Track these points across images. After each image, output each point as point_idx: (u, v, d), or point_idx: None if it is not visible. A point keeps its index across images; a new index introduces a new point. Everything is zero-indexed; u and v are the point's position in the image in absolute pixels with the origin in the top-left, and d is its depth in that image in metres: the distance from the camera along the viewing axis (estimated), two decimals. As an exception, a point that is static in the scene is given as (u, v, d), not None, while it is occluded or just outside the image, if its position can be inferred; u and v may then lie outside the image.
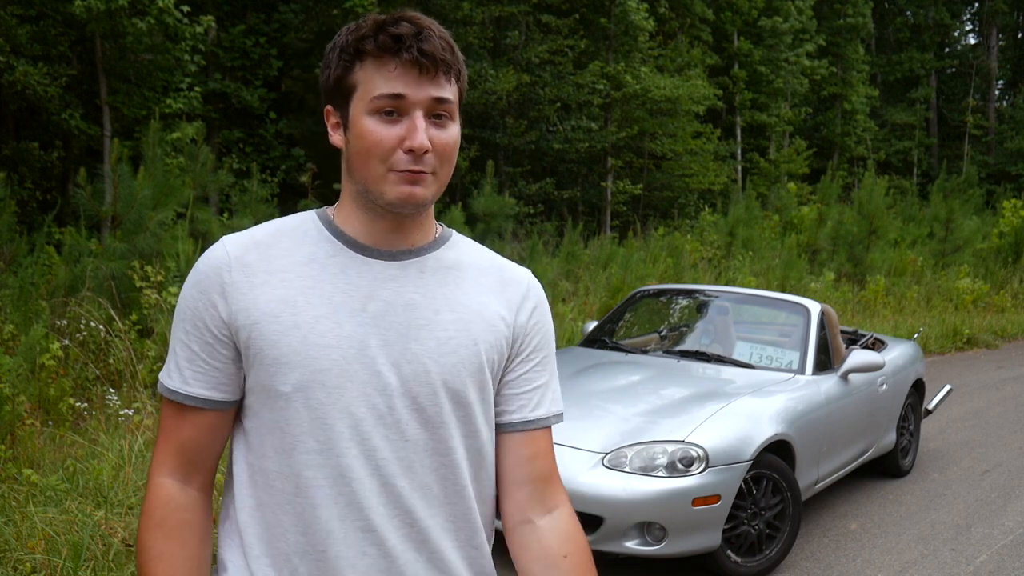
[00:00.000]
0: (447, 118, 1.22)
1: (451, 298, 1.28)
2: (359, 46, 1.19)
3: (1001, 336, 12.78)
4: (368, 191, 1.22)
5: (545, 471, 1.34)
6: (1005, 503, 5.35)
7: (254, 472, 1.25)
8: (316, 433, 1.20)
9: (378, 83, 1.18)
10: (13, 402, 4.43)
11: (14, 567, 3.31)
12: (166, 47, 10.31)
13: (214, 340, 1.23)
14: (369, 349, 1.21)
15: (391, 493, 1.22)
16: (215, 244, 1.27)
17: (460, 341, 1.26)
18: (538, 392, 1.35)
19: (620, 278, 10.92)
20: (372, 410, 1.21)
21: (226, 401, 1.26)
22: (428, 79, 1.19)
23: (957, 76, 35.64)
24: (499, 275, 1.35)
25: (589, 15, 17.90)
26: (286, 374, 1.20)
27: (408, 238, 1.28)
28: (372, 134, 1.19)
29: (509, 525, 1.34)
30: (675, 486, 3.74)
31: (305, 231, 1.28)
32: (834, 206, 16.97)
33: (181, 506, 1.25)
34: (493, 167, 12.25)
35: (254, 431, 1.25)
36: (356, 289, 1.24)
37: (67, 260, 7.01)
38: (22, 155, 11.17)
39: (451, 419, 1.25)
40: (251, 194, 9.53)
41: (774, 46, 23.73)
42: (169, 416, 1.27)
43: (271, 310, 1.21)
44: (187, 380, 1.25)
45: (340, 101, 1.23)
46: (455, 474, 1.27)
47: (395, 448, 1.22)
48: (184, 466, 1.27)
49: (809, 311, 5.13)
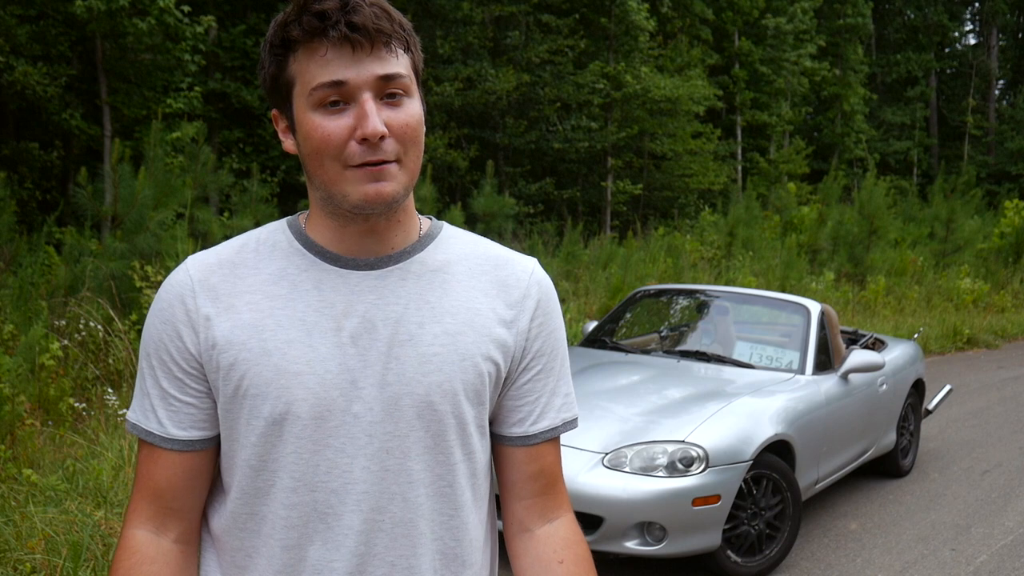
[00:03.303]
0: (402, 95, 1.07)
1: (437, 307, 1.14)
2: (286, 35, 1.05)
3: (1001, 336, 12.78)
4: (330, 195, 1.08)
5: (548, 486, 1.24)
6: (1005, 503, 5.35)
7: (224, 512, 1.16)
8: (291, 469, 1.10)
9: (314, 72, 1.04)
10: (13, 402, 4.43)
11: (14, 567, 3.31)
12: (166, 47, 10.31)
13: (183, 375, 1.12)
14: (347, 372, 1.09)
15: (372, 531, 1.11)
16: (178, 267, 1.16)
17: (446, 357, 1.12)
18: (540, 403, 1.21)
19: (620, 278, 10.92)
20: (351, 440, 1.10)
21: (205, 439, 1.14)
22: (367, 55, 1.04)
23: (957, 76, 35.65)
24: (495, 274, 1.20)
25: (589, 15, 17.89)
26: (258, 407, 1.09)
27: (386, 242, 1.14)
28: (318, 130, 1.05)
29: (508, 533, 1.26)
30: (675, 486, 3.74)
31: (274, 244, 1.16)
32: (834, 206, 16.98)
33: (148, 558, 1.13)
34: (493, 167, 12.26)
35: (226, 469, 1.15)
36: (331, 306, 1.11)
37: (67, 260, 7.01)
38: (22, 155, 11.16)
39: (441, 443, 1.13)
40: (251, 194, 9.54)
41: (775, 46, 23.73)
42: (143, 460, 1.15)
43: (238, 337, 1.09)
44: (161, 421, 1.13)
45: (282, 101, 1.10)
46: (445, 504, 1.15)
47: (377, 480, 1.10)
48: (159, 515, 1.14)
49: (809, 311, 5.13)
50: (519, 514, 1.24)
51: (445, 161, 14.99)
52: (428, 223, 1.22)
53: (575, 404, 1.27)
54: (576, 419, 1.26)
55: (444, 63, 15.57)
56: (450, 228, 1.24)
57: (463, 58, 16.09)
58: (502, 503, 1.27)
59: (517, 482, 1.23)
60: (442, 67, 15.42)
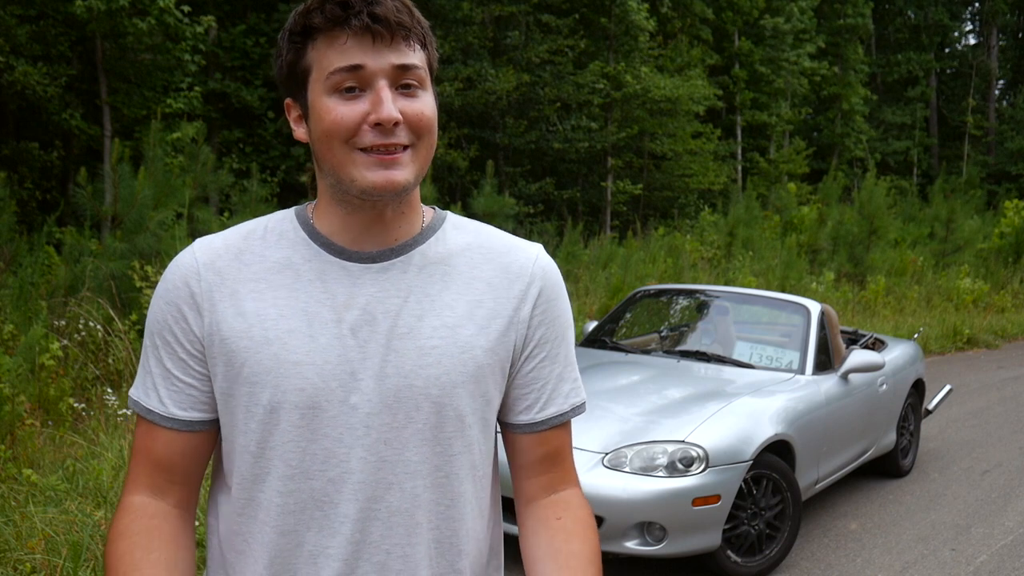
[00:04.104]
0: (417, 87, 1.09)
1: (438, 300, 1.15)
2: (307, 23, 1.07)
3: (1001, 336, 12.78)
4: (339, 181, 1.09)
5: (558, 469, 1.26)
6: (1005, 503, 5.35)
7: (225, 496, 1.17)
8: (288, 457, 1.11)
9: (332, 58, 1.06)
10: (13, 402, 4.43)
11: (14, 567, 3.31)
12: (166, 47, 10.31)
13: (187, 356, 1.13)
14: (346, 364, 1.10)
15: (368, 520, 1.12)
16: (185, 249, 1.17)
17: (445, 350, 1.13)
18: (546, 390, 1.22)
19: (620, 278, 10.92)
20: (349, 430, 1.10)
21: (204, 421, 1.16)
22: (386, 46, 1.06)
23: (957, 76, 35.65)
24: (498, 262, 1.20)
25: (589, 15, 17.90)
26: (257, 394, 1.10)
27: (390, 233, 1.15)
28: (331, 113, 1.06)
29: (517, 505, 1.28)
30: (675, 486, 3.74)
31: (281, 232, 1.17)
32: (834, 206, 16.98)
33: (148, 514, 1.14)
34: (493, 167, 12.25)
35: (227, 454, 1.16)
36: (332, 297, 1.12)
37: (67, 260, 7.02)
38: (22, 155, 11.16)
39: (439, 435, 1.13)
40: (251, 194, 9.53)
41: (775, 46, 23.73)
42: (141, 435, 1.17)
43: (241, 324, 1.11)
44: (162, 400, 1.14)
45: (297, 89, 1.11)
46: (443, 495, 1.15)
47: (374, 470, 1.11)
48: (158, 483, 1.16)
49: (809, 311, 5.13)
50: (527, 490, 1.26)
51: (445, 161, 14.99)
52: (432, 213, 1.23)
53: (583, 389, 1.27)
54: (584, 403, 1.27)
55: (444, 63, 15.57)
56: (454, 218, 1.24)
57: (463, 58, 16.09)
58: (512, 481, 1.28)
59: (525, 465, 1.25)
60: (442, 67, 15.42)
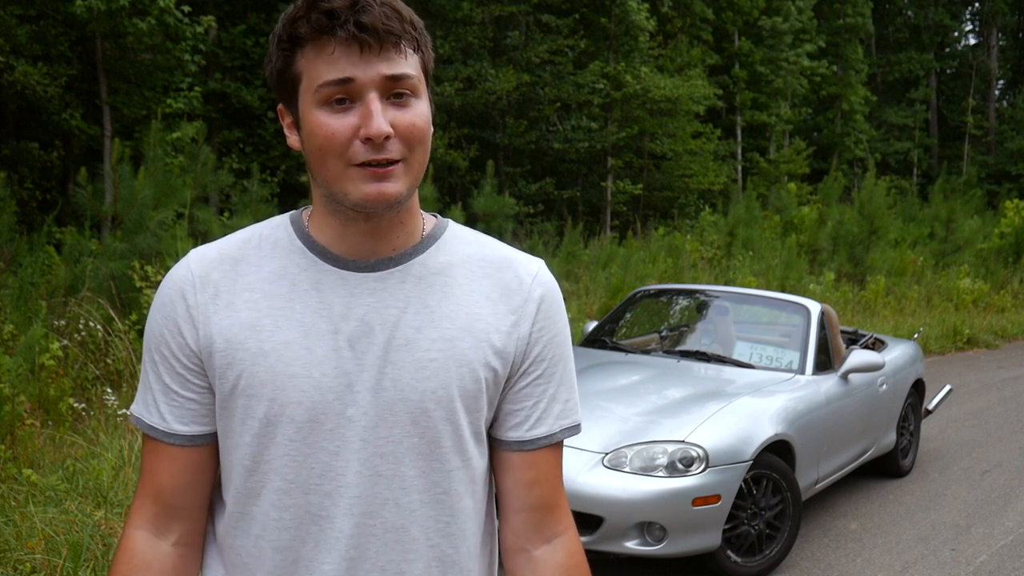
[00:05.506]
0: (409, 96, 1.05)
1: (436, 312, 1.12)
2: (294, 31, 1.04)
3: (1001, 336, 12.77)
4: (332, 193, 1.07)
5: (546, 498, 1.19)
6: (1005, 503, 5.35)
7: (220, 510, 1.17)
8: (284, 471, 1.09)
9: (320, 69, 1.03)
10: (13, 402, 4.43)
11: (14, 567, 3.31)
12: (166, 47, 10.31)
13: (184, 370, 1.12)
14: (343, 376, 1.08)
15: (364, 535, 1.10)
16: (180, 261, 1.15)
17: (443, 363, 1.10)
18: (538, 408, 1.17)
19: (620, 278, 10.92)
20: (346, 444, 1.08)
21: (207, 434, 1.15)
22: (374, 55, 1.02)
23: (957, 76, 35.66)
24: (498, 276, 1.17)
25: (589, 15, 17.91)
26: (253, 407, 1.08)
27: (388, 242, 1.12)
28: (323, 128, 1.03)
29: (504, 550, 1.22)
30: (675, 486, 3.74)
31: (276, 241, 1.14)
32: (834, 206, 16.98)
33: (145, 564, 1.13)
34: (493, 167, 12.26)
35: (224, 468, 1.15)
36: (329, 308, 1.10)
37: (67, 260, 7.02)
38: (22, 155, 11.16)
39: (436, 450, 1.11)
40: (251, 194, 9.54)
41: (774, 46, 23.74)
42: (147, 456, 1.16)
43: (236, 336, 1.09)
44: (164, 415, 1.13)
45: (288, 97, 1.09)
46: (442, 511, 1.13)
47: (370, 484, 1.09)
48: (161, 515, 1.15)
49: (809, 311, 5.13)
50: (517, 528, 1.19)
51: (445, 161, 14.99)
52: (433, 222, 1.19)
53: (578, 411, 1.21)
54: (578, 425, 1.21)
55: (444, 63, 15.57)
56: (455, 228, 1.21)
57: (463, 58, 16.10)
58: (500, 513, 1.23)
59: (513, 489, 1.19)
60: (442, 67, 15.42)
